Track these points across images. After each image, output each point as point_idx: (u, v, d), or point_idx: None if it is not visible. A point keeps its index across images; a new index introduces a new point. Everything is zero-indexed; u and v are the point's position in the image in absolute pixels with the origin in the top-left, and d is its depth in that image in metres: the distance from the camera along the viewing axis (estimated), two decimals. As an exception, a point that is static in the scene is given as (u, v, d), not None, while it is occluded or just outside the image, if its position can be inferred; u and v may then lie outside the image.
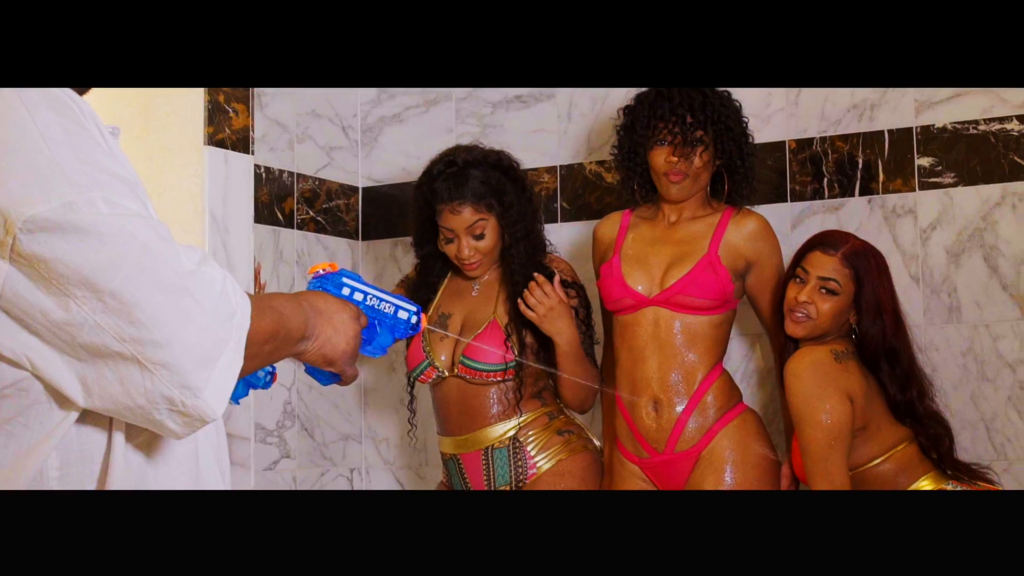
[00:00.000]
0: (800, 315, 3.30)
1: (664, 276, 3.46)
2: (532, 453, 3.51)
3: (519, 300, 3.47)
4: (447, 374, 3.54)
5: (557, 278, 3.49)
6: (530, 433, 3.52)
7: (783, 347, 3.43)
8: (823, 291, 3.29)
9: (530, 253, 3.55)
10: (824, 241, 3.35)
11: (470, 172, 3.52)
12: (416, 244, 3.69)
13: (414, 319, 2.14)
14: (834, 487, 3.16)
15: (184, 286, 1.51)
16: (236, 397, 1.98)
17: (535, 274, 3.48)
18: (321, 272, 2.06)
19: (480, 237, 3.52)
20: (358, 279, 2.07)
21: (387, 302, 2.10)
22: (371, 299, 2.08)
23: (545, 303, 3.44)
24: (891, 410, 3.32)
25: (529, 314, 3.45)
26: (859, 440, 3.25)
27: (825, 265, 3.31)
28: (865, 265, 3.31)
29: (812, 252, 3.35)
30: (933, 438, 3.31)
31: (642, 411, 3.45)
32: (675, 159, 3.43)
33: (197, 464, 1.71)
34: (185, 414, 1.53)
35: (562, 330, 3.45)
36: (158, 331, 1.48)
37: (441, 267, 3.69)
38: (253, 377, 2.03)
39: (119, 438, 1.60)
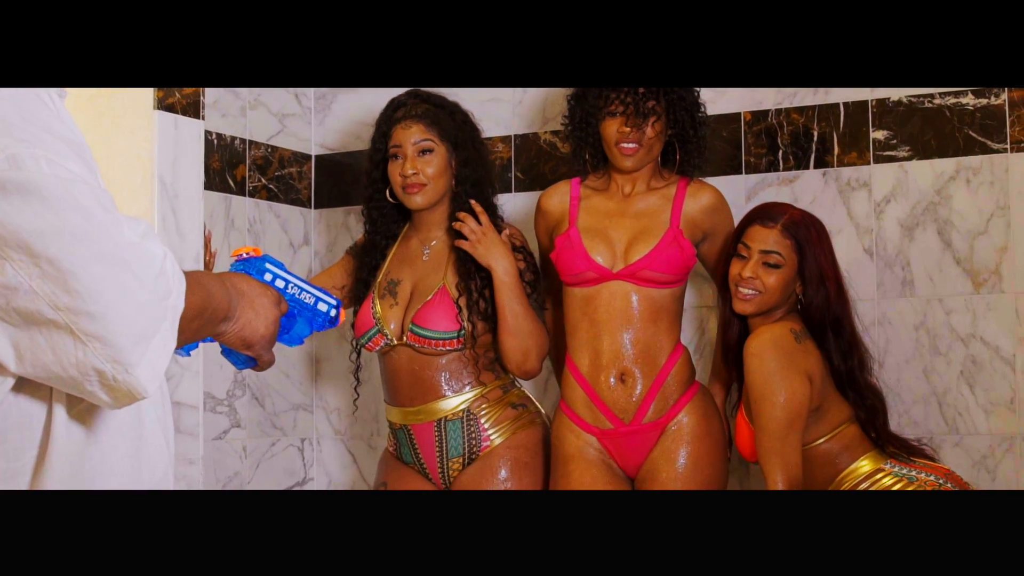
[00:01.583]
0: (748, 292, 3.29)
1: (627, 250, 3.45)
2: (486, 426, 3.49)
3: (456, 241, 3.49)
4: (396, 342, 3.51)
5: (508, 231, 3.54)
6: (484, 406, 3.50)
7: (727, 321, 3.42)
8: (766, 265, 3.28)
9: (480, 199, 3.54)
10: (762, 214, 3.35)
11: (431, 106, 3.57)
12: (367, 187, 3.65)
13: (333, 312, 2.12)
14: (788, 468, 3.15)
15: (124, 259, 1.48)
16: (187, 349, 1.96)
17: (471, 201, 3.52)
18: (244, 256, 2.03)
19: (427, 154, 3.50)
20: (281, 266, 2.05)
21: (308, 292, 2.08)
22: (292, 288, 2.06)
23: (477, 231, 3.45)
24: (835, 383, 3.31)
25: (463, 244, 3.46)
26: (811, 420, 3.24)
27: (766, 238, 3.30)
28: (806, 234, 3.30)
29: (751, 227, 3.34)
30: (870, 410, 3.31)
31: (604, 383, 3.44)
32: (627, 130, 3.41)
33: (141, 431, 1.68)
34: (116, 389, 1.50)
35: (497, 256, 3.44)
36: (93, 303, 1.46)
37: (390, 227, 3.65)
38: None
39: (60, 404, 1.57)
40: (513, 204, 4.02)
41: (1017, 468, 3.53)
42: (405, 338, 3.48)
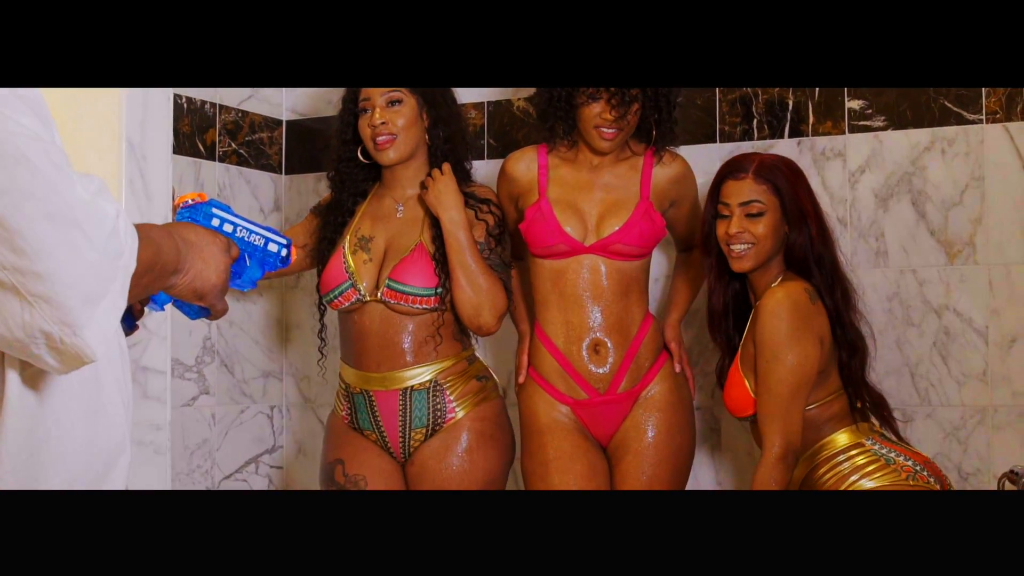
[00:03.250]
0: (741, 248, 3.25)
1: (599, 224, 3.44)
2: (451, 398, 3.45)
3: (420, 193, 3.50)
4: (369, 298, 3.46)
5: (477, 188, 3.55)
6: (450, 378, 3.47)
7: (711, 288, 3.39)
8: (749, 216, 3.25)
9: (453, 158, 3.52)
10: (732, 168, 3.31)
11: None
12: (337, 147, 3.60)
13: (284, 252, 2.09)
14: (788, 434, 3.12)
15: (74, 218, 1.44)
16: (161, 303, 1.93)
17: (444, 164, 3.50)
18: (190, 202, 2.00)
19: (396, 104, 3.47)
20: (227, 209, 2.01)
21: (257, 234, 2.05)
22: (241, 231, 2.02)
23: (435, 177, 3.46)
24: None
25: (424, 195, 3.46)
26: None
27: (741, 190, 3.27)
28: (780, 176, 3.27)
29: (724, 183, 3.31)
30: (851, 348, 3.27)
31: (578, 355, 3.45)
32: (610, 117, 3.39)
33: (99, 394, 1.65)
34: (63, 352, 1.47)
35: (446, 205, 3.42)
36: (41, 263, 1.42)
37: (358, 185, 3.60)
38: None
39: (13, 367, 1.54)
40: (486, 171, 3.98)
41: (988, 440, 3.53)
42: (380, 294, 3.43)
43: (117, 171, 3.52)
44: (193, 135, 3.96)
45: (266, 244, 2.06)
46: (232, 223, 2.00)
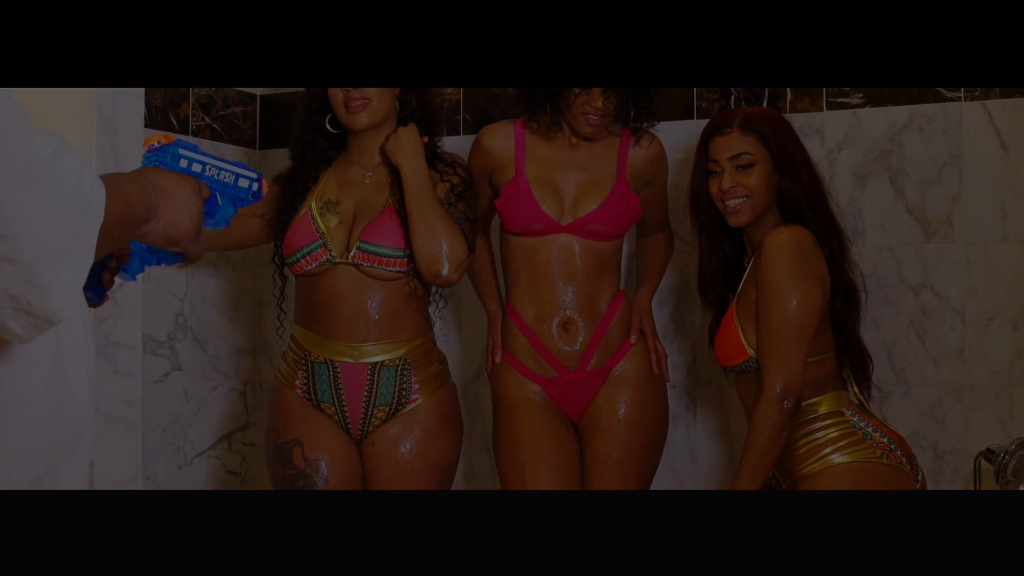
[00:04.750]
0: (735, 202, 3.22)
1: (576, 203, 3.42)
2: (416, 379, 3.40)
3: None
4: (339, 260, 3.40)
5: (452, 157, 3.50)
6: (417, 358, 3.42)
7: (704, 250, 3.36)
8: (740, 168, 3.22)
9: (424, 125, 3.48)
10: (718, 124, 3.29)
11: None
12: (304, 116, 3.52)
13: (255, 186, 2.05)
14: (789, 374, 3.06)
15: (37, 175, 1.41)
16: (133, 273, 1.89)
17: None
18: (156, 145, 1.96)
19: None
20: (195, 149, 1.98)
21: (227, 171, 2.01)
22: (210, 169, 1.99)
23: (398, 130, 3.42)
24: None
25: (385, 146, 3.41)
26: None
27: (728, 144, 3.24)
28: (766, 126, 3.24)
29: (712, 141, 3.28)
30: (846, 294, 3.24)
31: (548, 332, 3.44)
32: (601, 107, 3.36)
33: (61, 363, 1.62)
34: (31, 314, 1.43)
35: (407, 154, 3.37)
36: (4, 223, 1.38)
37: (322, 153, 3.54)
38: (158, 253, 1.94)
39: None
40: (461, 147, 3.95)
41: (965, 419, 3.53)
42: (351, 256, 3.37)
43: (88, 144, 3.48)
44: (166, 108, 3.92)
45: (236, 180, 2.02)
46: (200, 162, 1.97)
